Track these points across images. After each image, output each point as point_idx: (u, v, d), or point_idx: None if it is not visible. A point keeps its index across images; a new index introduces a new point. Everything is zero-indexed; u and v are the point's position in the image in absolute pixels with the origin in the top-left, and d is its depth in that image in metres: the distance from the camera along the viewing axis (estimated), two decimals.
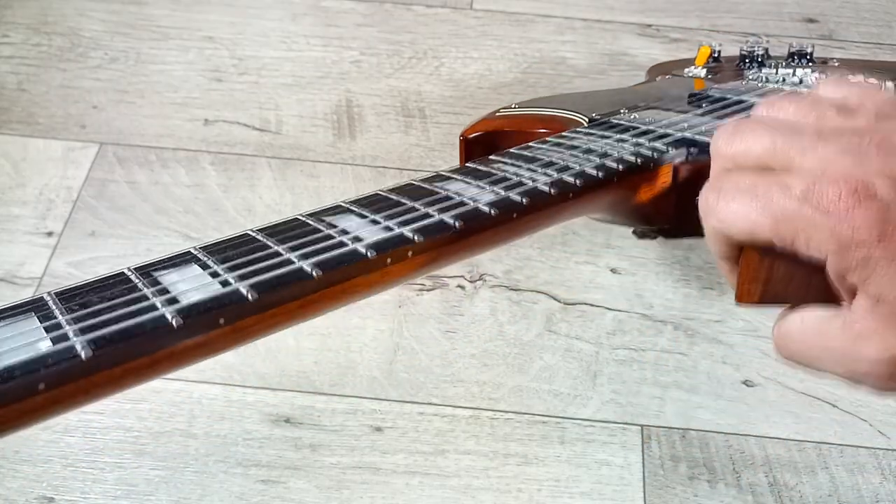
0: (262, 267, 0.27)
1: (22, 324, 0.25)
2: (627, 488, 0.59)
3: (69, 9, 0.89)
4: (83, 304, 0.26)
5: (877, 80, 0.49)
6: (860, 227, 0.24)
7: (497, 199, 0.32)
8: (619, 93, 0.54)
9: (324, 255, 0.28)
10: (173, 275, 0.28)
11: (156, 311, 0.25)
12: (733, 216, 0.26)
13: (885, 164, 0.25)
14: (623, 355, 0.66)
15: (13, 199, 0.73)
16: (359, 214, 0.31)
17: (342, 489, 0.58)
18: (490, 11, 0.93)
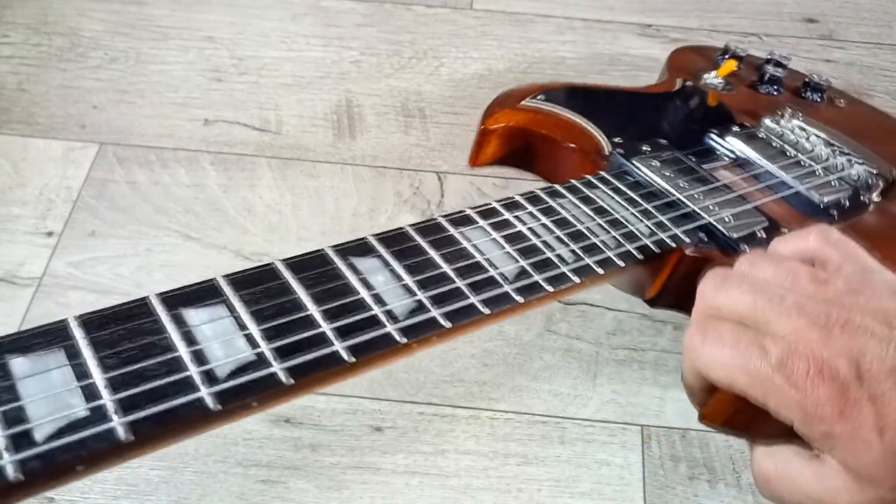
0: (299, 341, 0.28)
1: (50, 359, 0.25)
2: (627, 488, 0.59)
3: (69, 9, 0.89)
4: (118, 358, 0.25)
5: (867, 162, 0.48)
6: (823, 403, 0.27)
7: (525, 282, 0.32)
8: (639, 101, 0.52)
9: (359, 338, 0.28)
10: (204, 321, 0.27)
11: (195, 393, 0.25)
12: (714, 364, 0.29)
13: (846, 344, 0.28)
14: (623, 355, 0.66)
15: (13, 199, 0.73)
16: (389, 268, 0.31)
17: (342, 489, 0.58)
18: (490, 11, 0.93)
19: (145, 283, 0.67)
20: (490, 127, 0.47)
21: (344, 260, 0.31)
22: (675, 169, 0.43)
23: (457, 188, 0.76)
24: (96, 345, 0.26)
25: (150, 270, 0.68)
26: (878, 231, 0.45)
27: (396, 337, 0.29)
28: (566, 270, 0.34)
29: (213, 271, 0.71)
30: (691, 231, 0.39)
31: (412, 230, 0.34)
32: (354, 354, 0.28)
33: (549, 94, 0.49)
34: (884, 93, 0.88)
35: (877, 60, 0.92)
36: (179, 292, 0.28)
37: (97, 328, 0.26)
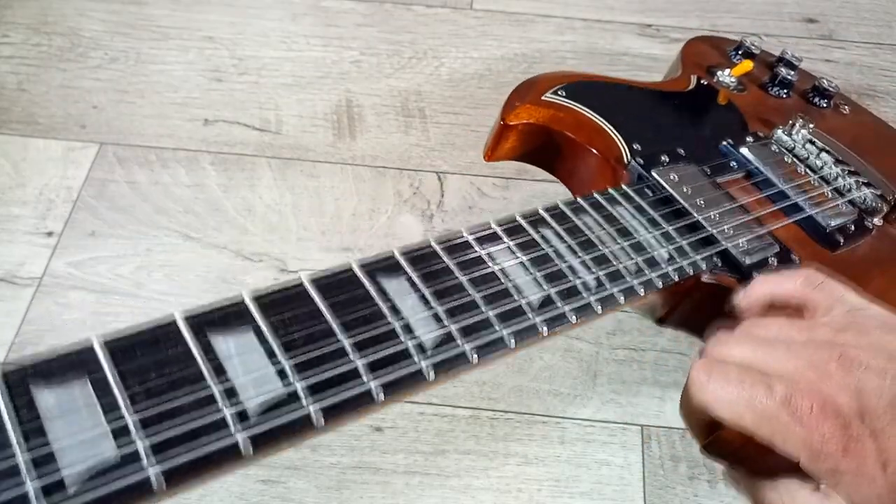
0: (331, 378, 0.27)
1: (77, 392, 0.24)
2: (627, 488, 0.59)
3: (69, 9, 0.89)
4: (147, 392, 0.24)
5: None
6: (828, 440, 0.28)
7: (551, 313, 0.32)
8: (657, 101, 0.52)
9: (391, 375, 0.28)
10: (233, 351, 0.26)
11: (229, 437, 0.24)
12: (720, 401, 0.30)
13: (843, 380, 0.29)
14: (623, 355, 0.66)
15: (13, 199, 0.73)
16: (418, 292, 0.31)
17: (342, 489, 0.58)
18: (490, 11, 0.93)
19: (145, 283, 0.67)
20: (510, 123, 0.47)
21: (372, 280, 0.31)
22: (692, 185, 0.43)
23: (457, 188, 0.76)
24: (124, 375, 0.25)
25: (150, 270, 0.68)
26: (879, 257, 0.45)
27: (426, 374, 0.29)
28: (591, 300, 0.34)
29: (213, 271, 0.71)
30: (708, 258, 0.39)
31: (440, 248, 0.33)
32: (385, 392, 0.28)
33: (571, 90, 0.49)
34: (884, 93, 0.88)
35: (877, 60, 0.92)
36: (207, 314, 0.27)
37: (123, 355, 0.26)
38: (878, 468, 0.28)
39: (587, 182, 0.48)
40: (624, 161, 0.45)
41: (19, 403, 0.23)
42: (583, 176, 0.48)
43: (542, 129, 0.47)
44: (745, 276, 0.39)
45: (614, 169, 0.45)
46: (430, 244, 0.33)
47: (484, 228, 0.35)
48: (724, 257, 0.40)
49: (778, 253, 0.41)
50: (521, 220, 0.37)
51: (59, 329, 0.64)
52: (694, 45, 0.61)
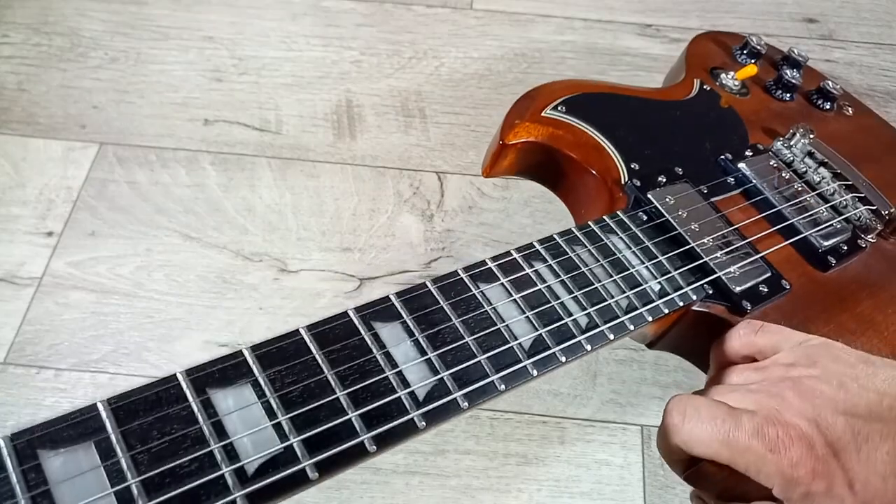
0: (327, 433, 0.28)
1: (82, 456, 0.25)
2: (627, 488, 0.59)
3: (69, 9, 0.89)
4: (150, 454, 0.25)
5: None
6: (797, 464, 0.29)
7: (542, 355, 0.33)
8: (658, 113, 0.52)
9: (384, 427, 0.29)
10: (232, 408, 0.27)
11: (227, 496, 0.25)
12: (695, 440, 0.32)
13: (801, 406, 0.31)
14: (623, 355, 0.66)
15: (13, 199, 0.73)
16: (413, 338, 0.32)
17: (342, 489, 0.58)
18: (490, 11, 0.93)
19: (145, 283, 0.67)
20: (509, 142, 0.47)
21: (368, 328, 0.32)
22: (688, 209, 0.43)
23: (457, 188, 0.76)
24: (127, 438, 0.26)
25: (150, 270, 0.68)
26: (868, 278, 0.45)
27: (418, 423, 0.30)
28: (581, 339, 0.35)
29: (213, 271, 0.71)
30: (699, 288, 0.40)
31: (434, 289, 0.34)
32: (377, 444, 0.29)
33: (571, 105, 0.48)
34: (884, 93, 0.88)
35: (877, 60, 0.92)
36: (208, 371, 0.28)
37: (126, 417, 0.26)
38: (845, 488, 0.29)
39: (585, 201, 0.48)
40: (621, 182, 0.45)
41: (27, 467, 0.24)
42: (580, 195, 0.48)
43: (541, 147, 0.47)
44: (735, 304, 0.40)
45: (611, 190, 0.45)
46: (425, 284, 0.34)
47: (479, 266, 0.36)
48: (715, 286, 0.40)
49: (769, 279, 0.41)
50: (517, 254, 0.37)
51: (58, 329, 0.64)
52: (699, 43, 0.60)
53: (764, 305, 0.40)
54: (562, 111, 0.48)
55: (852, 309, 0.43)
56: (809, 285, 0.43)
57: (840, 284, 0.44)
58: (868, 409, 0.31)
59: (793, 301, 0.41)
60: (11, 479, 0.24)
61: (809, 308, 0.42)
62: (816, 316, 0.41)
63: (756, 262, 0.42)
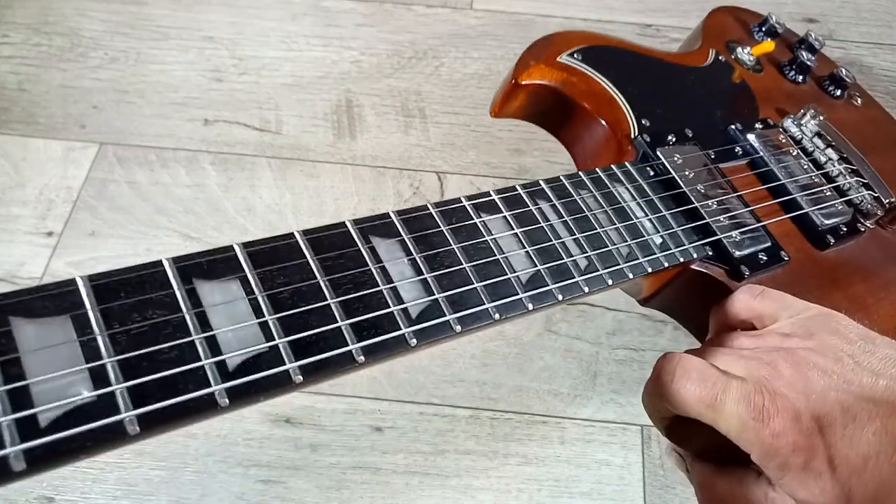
0: (315, 337, 0.27)
1: (57, 329, 0.24)
2: (627, 488, 0.59)
3: (69, 9, 0.89)
4: (129, 335, 0.24)
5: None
6: (779, 434, 0.29)
7: (539, 290, 0.33)
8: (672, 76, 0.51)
9: (374, 339, 0.28)
10: (218, 301, 0.26)
11: (207, 388, 0.24)
12: (682, 400, 0.32)
13: (793, 378, 0.31)
14: (623, 355, 0.66)
15: (13, 199, 0.73)
16: (410, 257, 0.31)
17: (342, 489, 0.58)
18: (490, 11, 0.93)
19: None
20: (522, 82, 0.46)
21: (365, 241, 0.31)
22: (695, 170, 0.43)
23: (457, 188, 0.76)
24: (107, 317, 0.24)
25: None
26: (862, 263, 0.45)
27: (409, 340, 0.29)
28: (579, 280, 0.34)
29: None
30: (700, 247, 0.39)
31: (436, 212, 0.33)
32: (366, 355, 0.28)
33: (587, 54, 0.48)
34: (884, 93, 0.88)
35: (877, 60, 0.92)
36: (196, 262, 0.27)
37: (108, 296, 0.25)
38: (824, 464, 0.29)
39: (591, 151, 0.47)
40: (631, 136, 0.45)
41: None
42: (587, 145, 0.48)
43: (553, 91, 0.46)
44: (734, 268, 0.40)
45: (620, 143, 0.45)
46: (427, 207, 0.33)
47: (482, 196, 0.35)
48: (715, 248, 0.40)
49: (768, 248, 0.41)
50: (521, 190, 0.37)
51: None
52: (717, 16, 0.60)
53: (761, 274, 0.40)
54: (577, 59, 0.47)
55: (845, 289, 0.43)
56: (806, 261, 0.43)
57: (835, 264, 0.44)
58: (861, 388, 0.30)
59: (789, 274, 0.42)
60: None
61: (804, 283, 0.42)
62: (810, 291, 0.41)
63: (757, 230, 0.42)
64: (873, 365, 0.31)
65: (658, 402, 0.34)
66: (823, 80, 0.58)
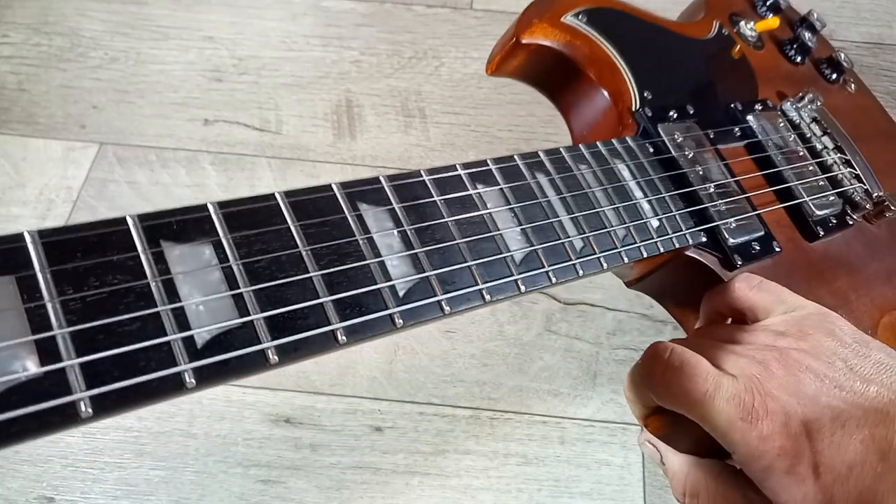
0: (294, 314, 0.24)
1: (1, 296, 0.20)
2: (627, 488, 0.59)
3: (69, 9, 0.89)
4: (84, 303, 0.21)
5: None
6: (766, 438, 0.28)
7: (532, 272, 0.31)
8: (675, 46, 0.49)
9: (359, 318, 0.26)
10: (189, 268, 0.23)
11: (173, 367, 0.22)
12: (671, 394, 0.31)
13: (784, 380, 0.30)
14: (623, 355, 0.66)
15: (13, 199, 0.73)
16: (400, 229, 0.29)
17: (342, 489, 0.58)
18: (490, 11, 0.93)
19: None
20: (523, 40, 0.44)
21: (352, 207, 0.28)
22: (695, 151, 0.42)
23: None
24: (58, 279, 0.21)
25: None
26: (848, 257, 0.45)
27: (396, 321, 0.27)
28: (575, 263, 0.33)
29: None
30: (696, 232, 0.39)
31: (429, 180, 0.31)
32: (349, 335, 0.25)
33: (593, 15, 0.46)
34: (884, 93, 0.88)
35: (877, 60, 0.92)
36: (163, 220, 0.24)
37: (61, 255, 0.21)
38: (808, 470, 0.28)
39: (589, 121, 0.46)
40: (632, 109, 0.43)
41: None
42: (586, 114, 0.46)
43: (554, 53, 0.44)
44: (727, 257, 0.39)
45: (621, 115, 0.43)
46: (420, 173, 0.31)
47: (479, 165, 0.33)
48: (710, 234, 0.39)
49: (761, 238, 0.41)
50: (520, 161, 0.35)
51: None
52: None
53: (752, 264, 0.40)
54: (583, 20, 0.45)
55: (830, 283, 0.42)
56: (795, 252, 0.43)
57: (822, 257, 0.44)
58: (852, 394, 0.30)
59: (778, 265, 0.41)
60: None
61: (792, 275, 0.41)
62: (797, 285, 0.40)
63: (751, 218, 0.41)
64: (865, 370, 0.31)
65: (643, 391, 0.33)
66: (821, 63, 0.58)
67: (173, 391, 0.22)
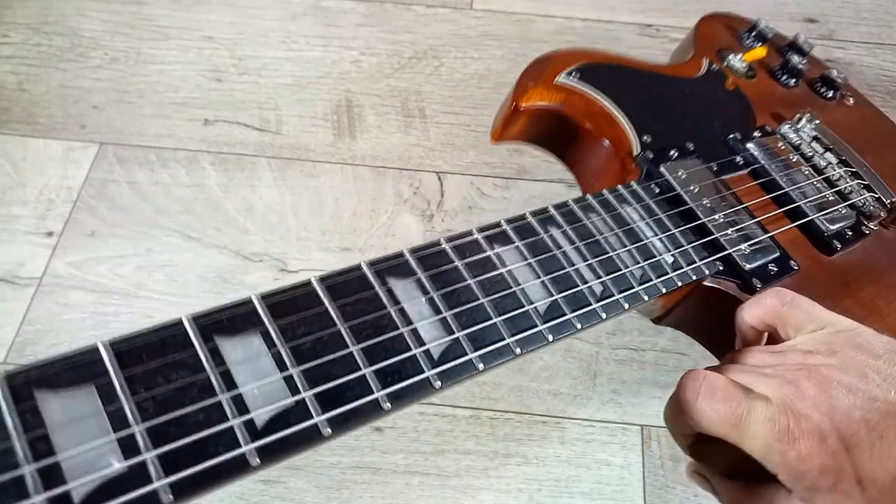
0: (340, 388, 0.27)
1: (83, 399, 0.23)
2: (627, 488, 0.59)
3: (69, 9, 0.89)
4: (155, 401, 0.24)
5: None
6: (805, 456, 0.28)
7: (557, 320, 0.33)
8: (669, 88, 0.51)
9: (399, 385, 0.28)
10: (241, 358, 0.26)
11: (237, 449, 0.25)
12: (707, 419, 0.31)
13: (818, 398, 0.30)
14: (623, 355, 0.66)
15: (13, 199, 0.73)
16: (427, 296, 0.31)
17: (342, 489, 0.58)
18: (490, 11, 0.93)
19: (145, 283, 0.67)
20: (521, 106, 0.46)
21: (382, 283, 0.31)
22: (700, 184, 0.43)
23: (457, 188, 0.76)
24: (131, 382, 0.24)
25: (150, 270, 0.68)
26: (871, 264, 0.45)
27: (433, 383, 0.29)
28: (596, 307, 0.34)
29: (214, 271, 0.71)
30: (711, 263, 0.40)
31: (450, 248, 0.33)
32: (392, 401, 0.28)
33: (584, 72, 0.48)
34: (884, 93, 0.88)
35: (877, 60, 0.92)
36: (215, 318, 0.27)
37: (130, 361, 0.25)
38: (853, 484, 0.28)
39: (594, 171, 0.47)
40: (633, 154, 0.45)
41: (23, 410, 0.23)
42: (591, 164, 0.47)
43: (553, 113, 0.46)
44: (746, 281, 0.40)
45: (623, 161, 0.45)
46: (440, 243, 0.33)
47: (494, 227, 0.35)
48: (726, 262, 0.40)
49: (777, 258, 0.41)
50: (532, 218, 0.37)
51: (59, 329, 0.64)
52: (707, 24, 0.60)
53: (772, 284, 0.40)
54: (575, 78, 0.48)
55: (855, 294, 0.43)
56: (815, 268, 0.43)
57: (844, 269, 0.44)
58: (887, 404, 0.29)
59: (799, 283, 0.42)
60: (6, 422, 0.22)
61: (815, 291, 0.42)
62: (821, 299, 0.41)
63: (765, 241, 0.42)
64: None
65: (681, 419, 0.33)
66: (815, 83, 0.58)
67: (241, 471, 0.25)
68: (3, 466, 0.22)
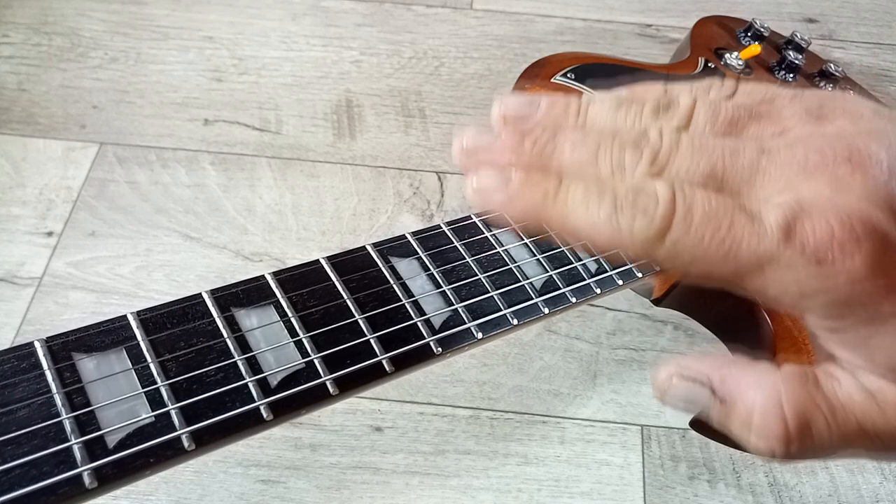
0: (346, 351, 0.30)
1: (114, 360, 0.27)
2: (627, 488, 0.59)
3: (69, 9, 0.89)
4: (177, 362, 0.27)
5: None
6: (862, 277, 0.18)
7: (552, 294, 0.35)
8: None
9: (401, 349, 0.31)
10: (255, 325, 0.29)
11: (251, 403, 0.27)
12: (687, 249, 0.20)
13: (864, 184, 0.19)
14: (623, 355, 0.66)
15: (13, 199, 0.73)
16: (428, 272, 0.34)
17: (342, 489, 0.58)
18: (490, 11, 0.93)
19: (145, 283, 0.67)
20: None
21: (385, 261, 0.33)
22: None
23: (457, 188, 0.76)
24: (156, 346, 0.28)
25: (150, 270, 0.68)
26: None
27: (434, 349, 0.31)
28: (590, 282, 0.36)
29: (214, 271, 0.71)
30: None
31: (448, 230, 0.36)
32: (395, 365, 0.30)
33: (580, 72, 0.49)
34: (884, 93, 0.88)
35: (877, 60, 0.92)
36: (231, 291, 0.30)
37: (154, 328, 0.28)
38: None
39: None
40: None
41: (61, 367, 0.27)
42: None
43: None
44: None
45: None
46: (439, 226, 0.36)
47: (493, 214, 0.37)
48: None
49: None
50: None
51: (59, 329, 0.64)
52: (703, 25, 0.61)
53: None
54: (571, 77, 0.49)
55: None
56: None
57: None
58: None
59: None
60: (47, 377, 0.26)
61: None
62: None
63: None
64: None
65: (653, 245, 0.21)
66: (814, 77, 0.59)
67: (255, 424, 0.27)
68: (44, 415, 0.25)
